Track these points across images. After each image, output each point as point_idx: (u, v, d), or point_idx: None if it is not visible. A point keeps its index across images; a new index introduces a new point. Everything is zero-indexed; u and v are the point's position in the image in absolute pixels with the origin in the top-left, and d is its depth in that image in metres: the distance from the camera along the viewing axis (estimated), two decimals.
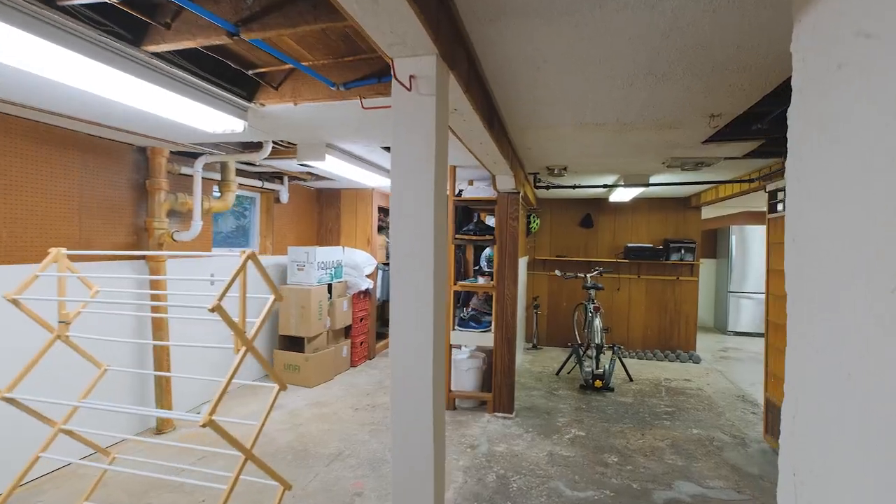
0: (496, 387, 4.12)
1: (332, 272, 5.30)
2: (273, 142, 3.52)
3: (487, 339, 4.16)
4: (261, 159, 3.55)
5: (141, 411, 2.64)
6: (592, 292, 5.47)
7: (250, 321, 1.86)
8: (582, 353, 5.26)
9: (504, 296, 4.09)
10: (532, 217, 6.74)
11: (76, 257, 3.06)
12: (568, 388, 4.96)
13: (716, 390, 4.94)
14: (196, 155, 3.73)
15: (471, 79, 1.86)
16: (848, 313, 0.79)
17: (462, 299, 5.10)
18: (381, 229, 6.68)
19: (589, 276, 5.71)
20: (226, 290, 1.52)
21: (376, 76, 2.23)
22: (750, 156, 3.58)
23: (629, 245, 6.63)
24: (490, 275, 4.41)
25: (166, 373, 3.20)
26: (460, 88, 1.74)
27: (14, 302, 1.88)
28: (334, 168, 3.93)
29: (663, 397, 4.68)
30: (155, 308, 3.13)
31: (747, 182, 4.31)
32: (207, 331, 4.17)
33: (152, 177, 3.57)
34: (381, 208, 6.39)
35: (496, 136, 2.59)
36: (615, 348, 5.13)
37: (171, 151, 3.65)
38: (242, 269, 1.67)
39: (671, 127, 2.78)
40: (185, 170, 3.80)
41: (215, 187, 4.22)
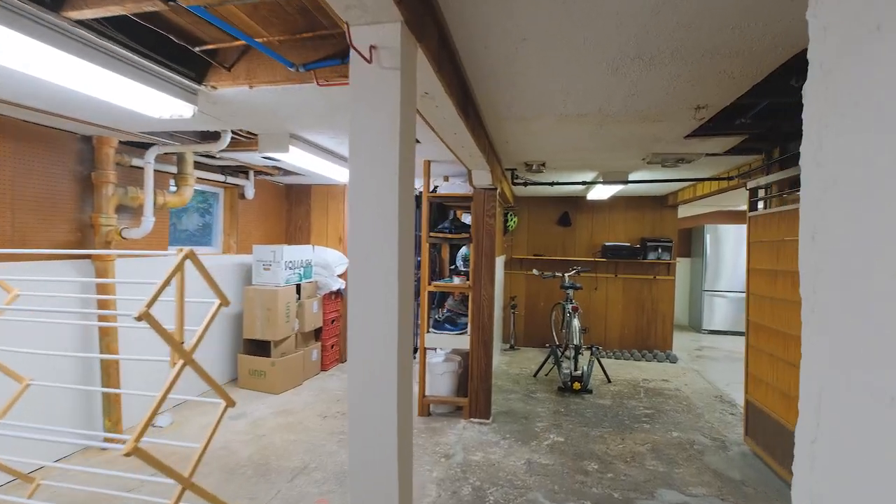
0: (472, 391, 3.95)
1: (301, 272, 5.04)
2: (232, 132, 3.27)
3: (463, 342, 3.99)
4: (219, 150, 3.29)
5: (49, 438, 2.29)
6: (570, 292, 5.36)
7: (191, 329, 1.63)
8: (560, 354, 5.14)
9: (480, 296, 3.92)
10: (509, 215, 6.61)
11: (6, 256, 2.75)
12: (546, 390, 4.83)
13: (693, 391, 4.89)
14: (148, 145, 3.44)
15: (443, 58, 1.67)
16: (891, 326, 0.63)
17: (437, 300, 4.91)
18: None
19: (567, 275, 5.61)
20: (157, 295, 1.30)
21: (340, 57, 2.02)
22: (731, 152, 3.50)
23: (607, 244, 6.57)
24: (466, 274, 4.24)
25: (99, 388, 2.91)
26: (431, 68, 1.55)
27: None
28: (300, 161, 3.69)
29: (642, 399, 4.59)
30: (102, 313, 2.85)
31: (726, 180, 4.25)
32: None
33: (99, 168, 3.27)
34: None
35: (472, 126, 2.41)
36: (593, 349, 5.03)
37: (120, 141, 3.36)
38: (178, 269, 1.44)
39: (655, 119, 2.65)
40: (136, 161, 3.51)
41: (172, 181, 3.93)
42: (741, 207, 7.95)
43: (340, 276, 5.63)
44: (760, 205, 3.50)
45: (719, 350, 6.93)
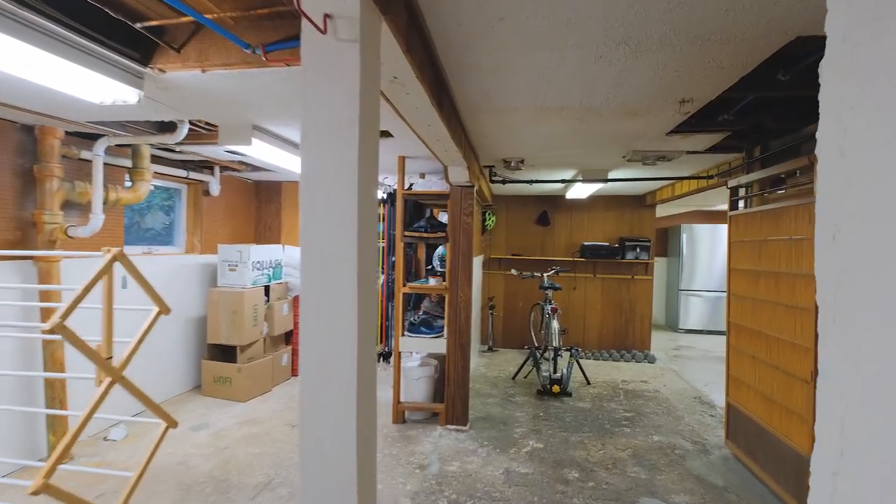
0: (449, 397, 3.79)
1: (270, 273, 4.81)
2: (190, 122, 3.04)
3: (440, 346, 3.83)
4: (176, 143, 3.05)
5: None
6: (549, 293, 5.26)
7: (122, 342, 1.42)
8: (539, 356, 5.03)
9: (457, 298, 3.77)
10: (487, 214, 6.48)
11: None
12: (525, 393, 4.72)
13: (672, 391, 4.84)
14: (98, 136, 3.17)
15: (412, 36, 1.51)
16: None
17: (413, 302, 4.74)
18: None
19: (545, 275, 5.51)
20: (75, 304, 1.10)
21: None
22: (711, 150, 3.44)
23: (585, 243, 6.50)
24: (443, 275, 4.09)
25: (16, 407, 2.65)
26: (398, 46, 1.39)
27: None
28: (265, 155, 3.47)
29: (622, 401, 4.51)
30: (46, 317, 2.59)
31: (705, 178, 4.20)
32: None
33: (42, 161, 2.99)
34: None
35: (447, 117, 2.26)
36: (573, 351, 4.94)
37: (66, 132, 3.09)
38: (104, 273, 1.24)
39: (638, 114, 2.54)
40: (85, 154, 3.24)
41: (127, 176, 3.66)
42: (717, 207, 8.01)
43: None
44: (741, 204, 3.45)
45: (696, 349, 6.95)
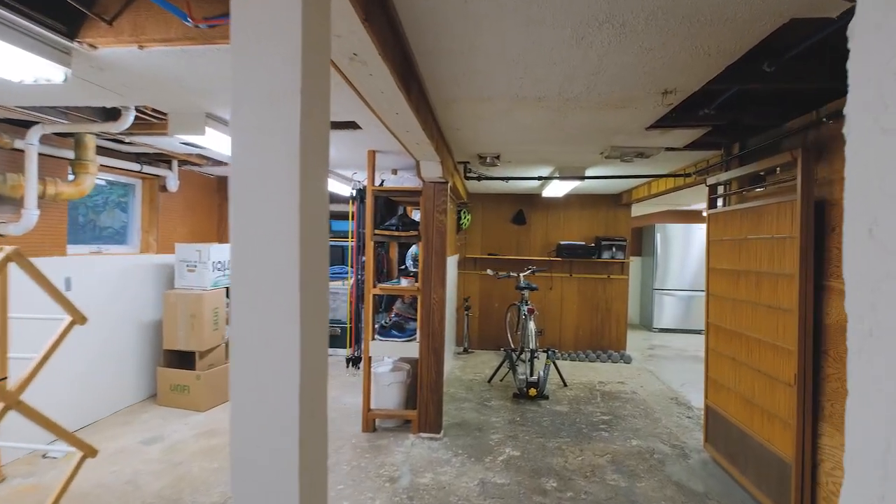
0: (422, 403, 3.62)
1: None
2: (137, 109, 2.78)
3: (412, 350, 3.65)
4: (121, 131, 2.78)
5: None
6: (526, 293, 5.14)
7: (19, 358, 1.20)
8: (515, 358, 4.90)
9: (430, 299, 3.60)
10: (463, 212, 6.33)
11: None
12: (501, 397, 4.58)
13: (649, 393, 4.78)
14: (32, 123, 2.88)
15: (371, 4, 1.33)
16: None
17: (385, 304, 4.55)
18: None
19: (522, 275, 5.39)
20: None
21: None
22: (690, 147, 3.36)
23: (562, 243, 6.42)
24: (416, 276, 3.91)
25: None
26: (356, 14, 1.21)
27: None
28: (223, 147, 3.23)
29: (599, 404, 4.42)
30: None
31: (682, 177, 4.14)
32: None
33: None
34: None
35: (416, 105, 2.08)
36: (549, 352, 4.83)
37: None
38: None
39: (618, 106, 2.42)
40: (18, 143, 2.93)
41: (70, 168, 3.35)
42: (692, 207, 8.06)
43: None
44: (719, 202, 3.38)
45: (670, 348, 6.96)
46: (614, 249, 6.33)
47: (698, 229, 8.22)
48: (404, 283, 3.70)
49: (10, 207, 2.98)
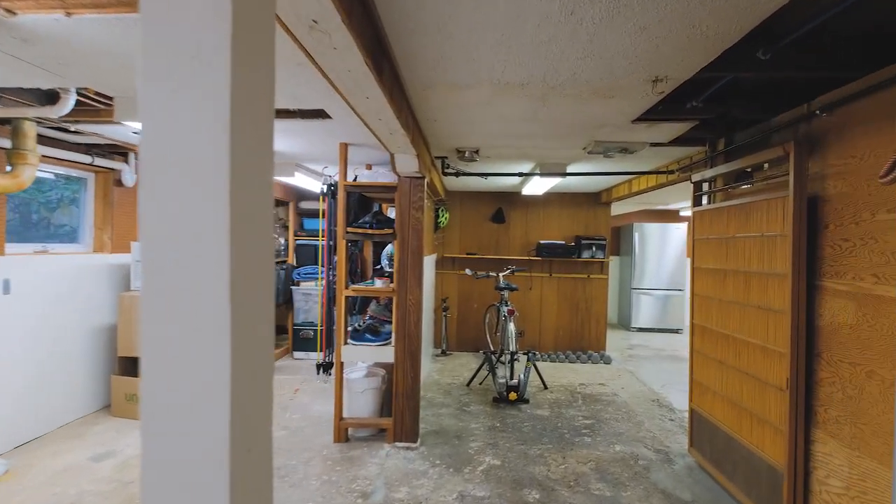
0: (397, 411, 3.42)
1: None
2: (80, 92, 2.50)
3: (387, 354, 3.45)
4: (61, 116, 2.51)
5: None
6: (506, 293, 4.99)
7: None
8: (495, 361, 4.75)
9: (406, 301, 3.41)
10: (441, 210, 6.15)
11: None
12: (480, 401, 4.42)
13: (630, 395, 4.69)
14: None
15: None
16: None
17: (359, 306, 4.34)
18: None
19: (501, 275, 5.25)
20: None
21: None
22: (675, 143, 3.26)
23: (542, 242, 6.30)
24: (391, 276, 3.71)
25: None
26: None
27: None
28: None
29: (580, 407, 4.30)
30: None
31: (665, 174, 4.05)
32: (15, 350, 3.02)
33: None
34: None
35: (389, 89, 1.89)
36: (530, 355, 4.69)
37: None
38: None
39: (605, 95, 2.27)
40: None
41: (7, 159, 3.04)
42: (671, 206, 8.07)
43: None
44: (705, 200, 3.29)
45: (649, 348, 6.92)
46: (594, 249, 6.25)
47: (675, 229, 8.24)
48: (378, 283, 3.50)
49: None
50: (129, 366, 3.91)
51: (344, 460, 3.19)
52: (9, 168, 2.98)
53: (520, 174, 4.32)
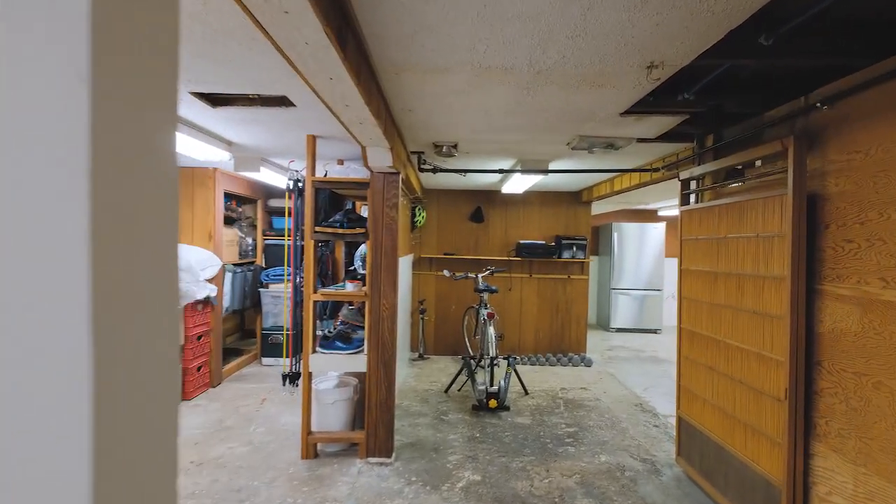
0: (370, 424, 3.19)
1: None
2: None
3: (359, 363, 3.21)
4: None
5: None
6: (485, 295, 4.80)
7: None
8: (474, 365, 4.56)
9: (379, 306, 3.17)
10: (417, 209, 5.93)
11: None
12: (459, 409, 4.22)
13: (613, 399, 4.56)
14: None
15: None
16: None
17: (330, 310, 4.09)
18: (229, 221, 5.36)
19: (480, 276, 5.06)
20: None
21: None
22: (663, 138, 3.11)
23: (521, 242, 6.14)
24: (364, 278, 3.47)
25: None
26: None
27: None
28: None
29: (563, 414, 4.14)
30: None
31: (650, 172, 3.92)
32: None
33: None
34: (228, 194, 5.07)
35: (355, 69, 1.66)
36: (510, 359, 4.51)
37: None
38: None
39: (595, 83, 2.09)
40: None
41: None
42: (649, 206, 8.02)
43: (210, 281, 4.57)
44: (692, 198, 3.16)
45: (628, 349, 6.84)
46: (575, 249, 6.12)
47: (653, 228, 8.21)
48: (350, 287, 3.26)
49: None
50: None
51: (312, 479, 2.94)
52: None
53: (500, 171, 4.13)
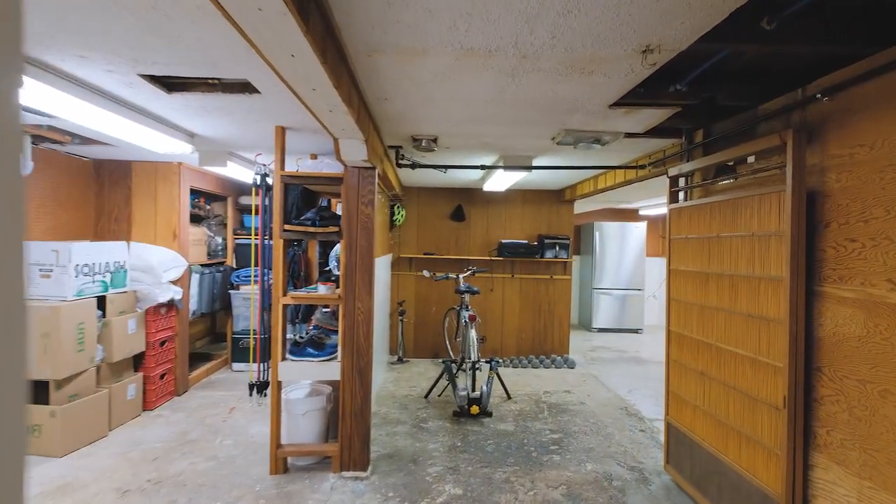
0: (345, 436, 2.99)
1: (107, 279, 3.64)
2: None
3: (332, 371, 3.00)
4: None
5: None
6: (467, 296, 4.63)
7: None
8: (455, 370, 4.39)
9: (354, 310, 2.97)
10: (396, 207, 5.73)
11: None
12: (439, 415, 4.04)
13: (597, 403, 4.45)
14: None
15: None
16: None
17: (302, 313, 3.86)
18: (196, 219, 5.07)
19: (461, 276, 4.89)
20: None
21: None
22: (651, 133, 2.99)
23: (503, 241, 5.99)
24: (338, 280, 3.27)
25: None
26: None
27: None
28: (73, 114, 2.41)
29: (547, 419, 4.00)
30: None
31: (635, 169, 3.80)
32: None
33: None
34: (195, 191, 4.79)
35: (320, 45, 1.47)
36: (492, 363, 4.35)
37: None
38: None
39: (585, 70, 1.94)
40: None
41: None
42: (632, 205, 7.98)
43: (175, 283, 4.29)
44: (681, 195, 3.05)
45: (611, 349, 6.77)
46: (558, 248, 6.00)
47: (634, 228, 8.18)
48: (323, 289, 3.05)
49: None
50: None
51: (280, 497, 2.72)
52: None
53: (482, 167, 3.97)
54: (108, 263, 3.66)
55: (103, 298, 3.62)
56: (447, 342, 5.84)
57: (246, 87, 2.31)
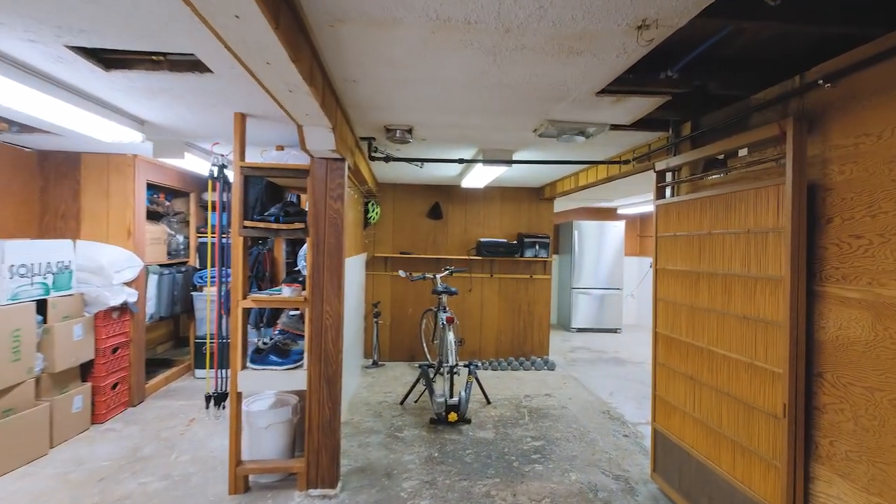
0: (312, 450, 2.75)
1: (49, 281, 3.31)
2: None
3: (298, 380, 2.76)
4: None
5: None
6: (444, 297, 4.44)
7: None
8: (433, 374, 4.18)
9: (322, 314, 2.74)
10: (371, 204, 5.49)
11: None
12: (415, 423, 3.83)
13: (579, 407, 4.31)
14: None
15: None
16: None
17: (267, 317, 3.60)
18: (155, 216, 4.74)
19: (439, 276, 4.69)
20: None
21: None
22: (637, 126, 2.85)
23: (482, 240, 5.81)
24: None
25: None
26: None
27: None
28: (9, 99, 2.12)
29: (528, 426, 3.83)
30: None
31: (619, 164, 3.67)
32: None
33: None
34: (152, 185, 4.46)
35: (271, 7, 1.24)
36: (471, 367, 4.16)
37: None
38: None
39: (574, 49, 1.76)
40: None
41: None
42: (613, 203, 7.91)
43: (129, 284, 3.96)
44: (668, 191, 2.91)
45: (590, 350, 6.68)
46: (537, 247, 5.86)
47: (613, 227, 8.12)
48: (287, 291, 2.80)
49: None
50: None
51: None
52: None
53: (461, 161, 3.77)
54: (50, 264, 3.33)
55: (44, 302, 3.28)
56: (424, 345, 5.64)
57: (196, 66, 2.06)
